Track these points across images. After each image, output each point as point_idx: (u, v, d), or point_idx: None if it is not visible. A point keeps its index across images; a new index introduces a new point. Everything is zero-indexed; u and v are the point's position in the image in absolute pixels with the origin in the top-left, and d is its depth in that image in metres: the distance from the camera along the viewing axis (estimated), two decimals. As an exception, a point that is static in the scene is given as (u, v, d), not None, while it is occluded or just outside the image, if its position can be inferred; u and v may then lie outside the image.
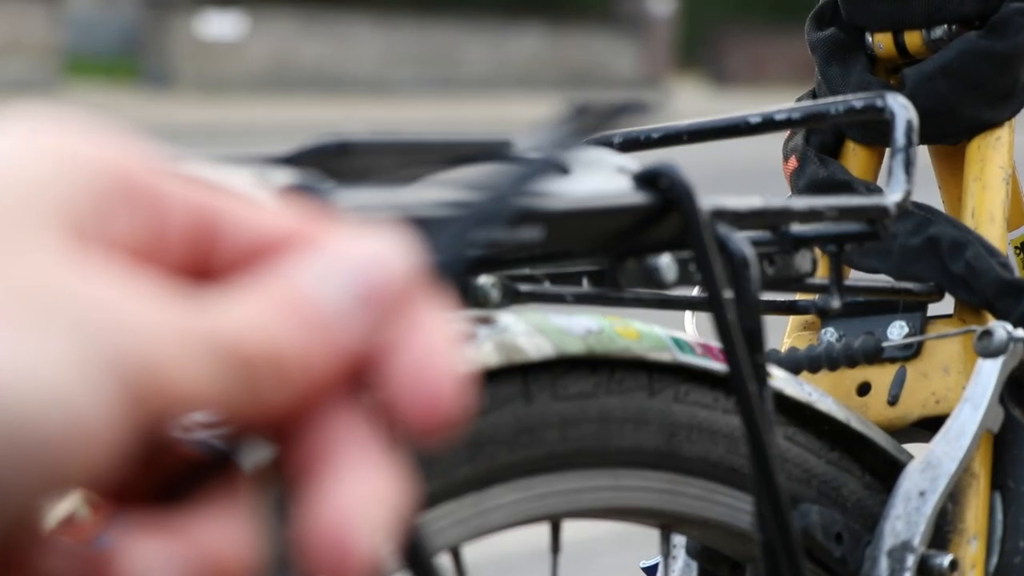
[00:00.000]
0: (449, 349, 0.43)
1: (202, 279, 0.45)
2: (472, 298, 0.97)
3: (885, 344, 1.32)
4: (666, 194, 0.93)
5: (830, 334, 1.37)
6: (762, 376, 0.98)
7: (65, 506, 0.42)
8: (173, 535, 0.42)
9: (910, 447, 1.29)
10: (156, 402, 0.40)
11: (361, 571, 0.42)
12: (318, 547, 0.42)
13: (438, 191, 0.84)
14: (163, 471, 0.45)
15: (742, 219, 1.01)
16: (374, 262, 0.44)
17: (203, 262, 0.45)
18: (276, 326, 0.42)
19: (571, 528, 1.16)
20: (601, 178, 0.95)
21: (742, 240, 0.97)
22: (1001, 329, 1.25)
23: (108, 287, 0.40)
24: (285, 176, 0.88)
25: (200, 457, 0.45)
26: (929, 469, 1.22)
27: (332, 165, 0.94)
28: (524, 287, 1.00)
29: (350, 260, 0.44)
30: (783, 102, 1.19)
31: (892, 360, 1.33)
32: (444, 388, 0.43)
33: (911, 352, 1.33)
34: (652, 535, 1.21)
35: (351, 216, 0.77)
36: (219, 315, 0.42)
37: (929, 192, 1.39)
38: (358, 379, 0.44)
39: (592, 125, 0.48)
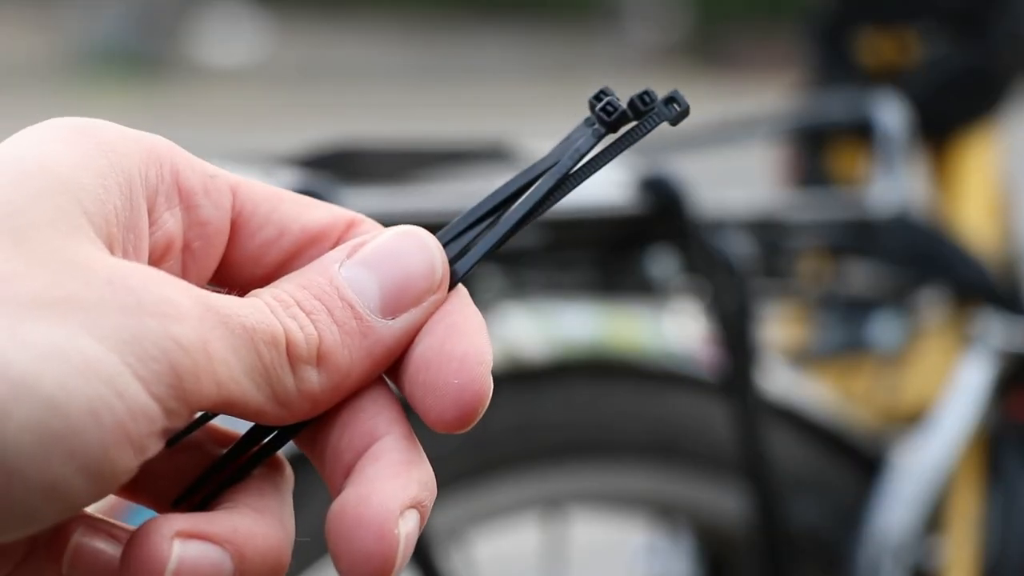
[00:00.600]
0: (473, 339, 0.45)
1: (243, 270, 0.47)
2: (474, 292, 0.99)
3: (876, 339, 1.34)
4: (665, 200, 0.96)
5: (822, 329, 1.39)
6: (755, 375, 1.00)
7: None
8: (211, 525, 0.43)
9: (901, 442, 1.30)
10: (193, 386, 0.41)
11: (400, 562, 0.43)
12: (358, 536, 0.43)
13: (446, 195, 0.86)
14: (198, 461, 0.47)
15: (737, 224, 1.04)
16: (400, 255, 0.46)
17: (244, 254, 0.47)
18: (308, 316, 0.44)
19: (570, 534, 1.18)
20: (603, 183, 0.97)
21: (736, 244, 1.00)
22: (991, 328, 1.27)
23: (146, 275, 0.41)
24: (292, 176, 0.90)
25: (237, 449, 0.46)
26: (920, 464, 1.24)
27: (339, 167, 0.96)
28: (526, 282, 1.02)
29: (378, 253, 0.46)
30: (781, 96, 1.21)
31: (883, 355, 1.35)
32: (469, 377, 0.44)
33: (902, 348, 1.35)
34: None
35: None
36: (255, 305, 0.43)
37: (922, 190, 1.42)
38: (388, 368, 0.45)
39: (632, 135, 0.48)
